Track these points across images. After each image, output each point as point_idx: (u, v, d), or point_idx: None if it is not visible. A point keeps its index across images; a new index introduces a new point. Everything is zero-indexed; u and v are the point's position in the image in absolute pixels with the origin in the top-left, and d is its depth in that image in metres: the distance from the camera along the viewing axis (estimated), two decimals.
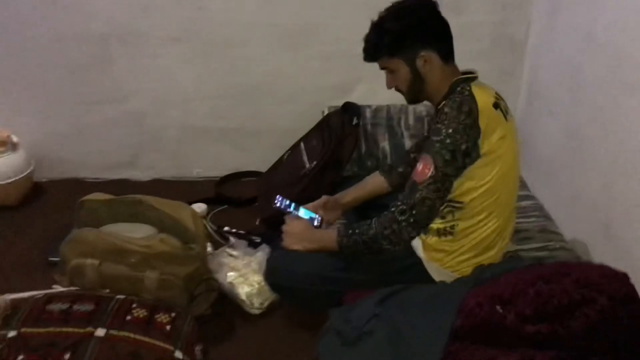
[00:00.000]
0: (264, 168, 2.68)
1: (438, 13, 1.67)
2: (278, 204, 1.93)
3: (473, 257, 1.70)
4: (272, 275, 1.81)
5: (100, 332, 1.20)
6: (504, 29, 2.56)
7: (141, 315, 1.28)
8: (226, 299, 1.95)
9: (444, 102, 1.64)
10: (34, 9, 2.45)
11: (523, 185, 2.44)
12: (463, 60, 1.75)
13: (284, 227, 1.85)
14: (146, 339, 1.23)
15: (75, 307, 1.27)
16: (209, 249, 2.11)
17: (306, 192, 2.22)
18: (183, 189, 2.69)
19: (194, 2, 2.48)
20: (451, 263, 1.72)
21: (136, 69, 2.61)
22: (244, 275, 1.93)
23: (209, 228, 2.35)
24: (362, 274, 1.74)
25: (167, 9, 2.49)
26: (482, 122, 1.56)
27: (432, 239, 1.72)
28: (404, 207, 1.60)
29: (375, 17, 1.68)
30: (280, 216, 1.91)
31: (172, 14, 2.50)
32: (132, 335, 1.23)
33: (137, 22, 2.51)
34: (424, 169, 1.59)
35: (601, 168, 1.98)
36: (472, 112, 1.55)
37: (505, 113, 1.65)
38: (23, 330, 1.19)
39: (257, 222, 2.39)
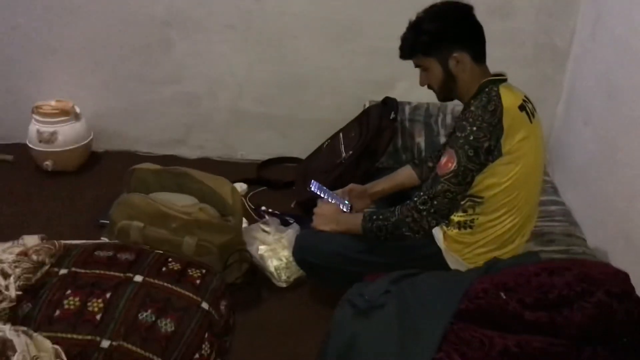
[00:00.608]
0: (304, 155, 2.82)
1: (473, 16, 1.75)
2: (312, 188, 2.06)
3: (491, 250, 1.78)
4: (299, 251, 1.94)
5: (139, 278, 1.36)
6: (548, 36, 2.60)
7: (175, 268, 1.43)
8: (257, 271, 2.09)
9: (471, 100, 1.73)
10: None
11: (554, 190, 2.49)
12: (506, 65, 1.82)
13: (315, 209, 1.99)
14: (177, 289, 1.37)
15: (119, 255, 1.43)
16: (245, 224, 2.25)
17: (340, 180, 2.34)
18: (227, 169, 2.81)
19: None
20: (469, 255, 1.80)
21: (193, 53, 2.78)
22: (274, 249, 2.07)
23: (247, 206, 2.50)
24: (383, 258, 1.84)
25: None
26: (506, 122, 1.64)
27: (453, 231, 1.80)
28: (426, 197, 1.71)
29: (414, 18, 1.78)
30: (314, 201, 2.05)
31: (230, 3, 2.66)
32: (165, 284, 1.38)
33: (197, 9, 2.68)
34: (448, 162, 1.68)
35: (629, 179, 2.02)
36: (497, 111, 1.64)
37: (531, 115, 1.72)
38: (73, 269, 1.36)
39: (292, 205, 2.52)
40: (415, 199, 1.74)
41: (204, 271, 1.46)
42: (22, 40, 2.77)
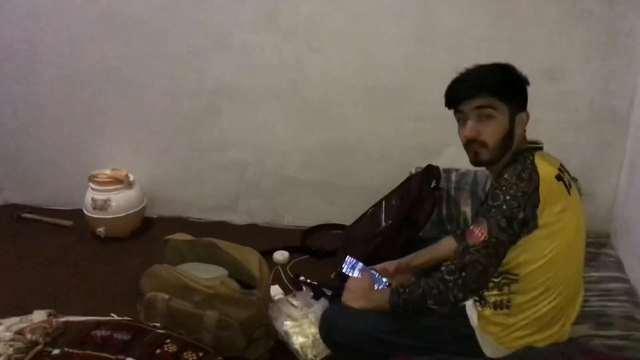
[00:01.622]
0: (350, 222, 2.73)
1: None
2: (345, 269, 2.02)
3: (530, 334, 1.62)
4: (325, 327, 1.83)
5: None
6: (605, 99, 2.43)
7: (170, 351, 1.38)
8: (285, 346, 2.00)
9: (505, 168, 1.61)
10: (158, 66, 2.79)
11: (618, 265, 2.27)
12: (562, 129, 1.73)
13: (347, 284, 1.91)
14: None
15: (115, 335, 1.40)
16: (280, 294, 2.19)
17: (380, 251, 2.26)
18: (273, 235, 2.83)
19: (295, 64, 2.68)
20: (506, 338, 1.64)
21: (240, 122, 2.84)
22: (300, 325, 1.98)
23: (282, 276, 2.44)
24: (412, 340, 1.71)
25: (270, 70, 2.71)
26: (543, 192, 1.51)
27: (488, 311, 1.66)
28: (453, 268, 1.59)
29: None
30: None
31: (275, 74, 2.71)
32: None
33: (244, 80, 2.75)
34: (478, 232, 1.56)
35: None
36: (533, 180, 1.52)
37: (569, 186, 1.59)
38: (66, 349, 1.34)
39: (332, 275, 2.44)
40: (442, 268, 1.62)
41: (200, 354, 1.40)
42: (82, 113, 2.95)
